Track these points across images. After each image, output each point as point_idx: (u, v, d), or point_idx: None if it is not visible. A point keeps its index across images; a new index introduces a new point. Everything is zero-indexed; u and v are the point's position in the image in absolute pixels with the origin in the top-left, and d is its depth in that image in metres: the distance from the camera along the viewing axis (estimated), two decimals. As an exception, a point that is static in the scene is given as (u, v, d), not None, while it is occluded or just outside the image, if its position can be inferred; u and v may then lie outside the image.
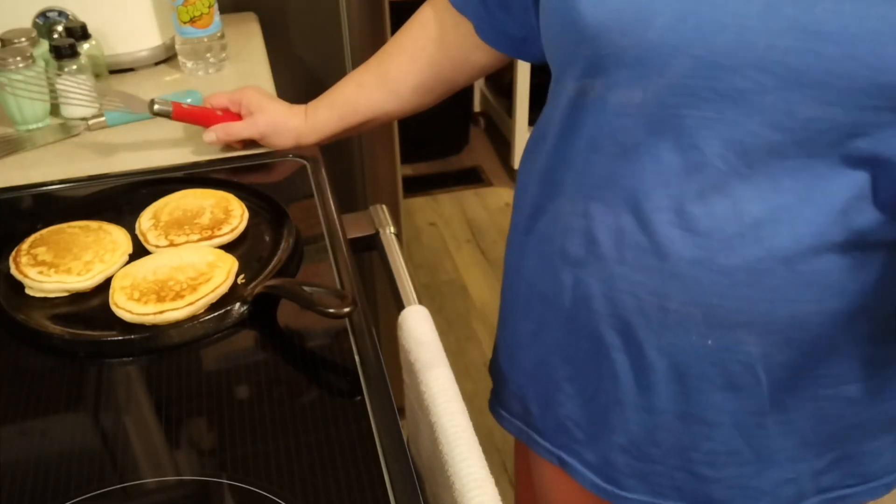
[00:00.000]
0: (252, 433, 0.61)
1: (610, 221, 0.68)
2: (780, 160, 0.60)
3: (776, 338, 0.66)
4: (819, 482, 0.77)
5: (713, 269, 0.64)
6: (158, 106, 0.93)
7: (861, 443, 0.75)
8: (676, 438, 0.74)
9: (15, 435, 0.63)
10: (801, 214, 0.61)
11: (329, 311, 0.67)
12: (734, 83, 0.58)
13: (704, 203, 0.63)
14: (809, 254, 0.62)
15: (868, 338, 0.68)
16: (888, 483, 0.79)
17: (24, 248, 0.78)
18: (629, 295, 0.69)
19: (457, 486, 0.58)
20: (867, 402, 0.72)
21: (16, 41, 1.05)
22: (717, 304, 0.65)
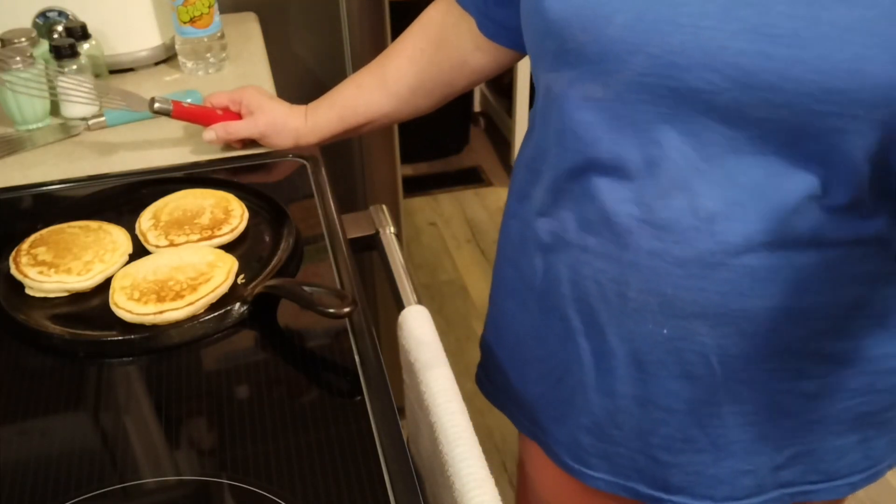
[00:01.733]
0: (252, 433, 0.61)
1: (576, 211, 0.70)
2: (736, 157, 0.61)
3: (729, 330, 0.67)
4: (779, 476, 0.77)
5: (669, 260, 0.66)
6: (158, 104, 0.93)
7: (823, 439, 0.75)
8: (636, 422, 0.76)
9: (15, 435, 0.63)
10: (754, 211, 0.62)
11: (329, 311, 0.67)
12: (689, 82, 0.59)
13: (663, 196, 0.64)
14: (760, 250, 0.63)
15: (822, 335, 0.68)
16: (853, 482, 0.79)
17: (24, 248, 0.78)
18: (592, 281, 0.71)
19: (457, 486, 0.58)
20: (826, 399, 0.72)
21: (16, 41, 1.05)
22: (672, 295, 0.67)
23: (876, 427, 0.76)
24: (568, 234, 0.72)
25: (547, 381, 0.81)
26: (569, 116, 0.68)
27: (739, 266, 0.64)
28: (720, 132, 0.60)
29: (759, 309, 0.66)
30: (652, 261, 0.67)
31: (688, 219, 0.64)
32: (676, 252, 0.65)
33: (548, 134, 0.72)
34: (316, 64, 1.51)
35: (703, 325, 0.68)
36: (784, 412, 0.73)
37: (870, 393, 0.73)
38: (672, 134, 0.62)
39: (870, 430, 0.76)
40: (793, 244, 0.63)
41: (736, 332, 0.68)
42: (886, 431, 0.77)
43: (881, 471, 0.80)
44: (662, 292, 0.67)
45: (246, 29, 1.35)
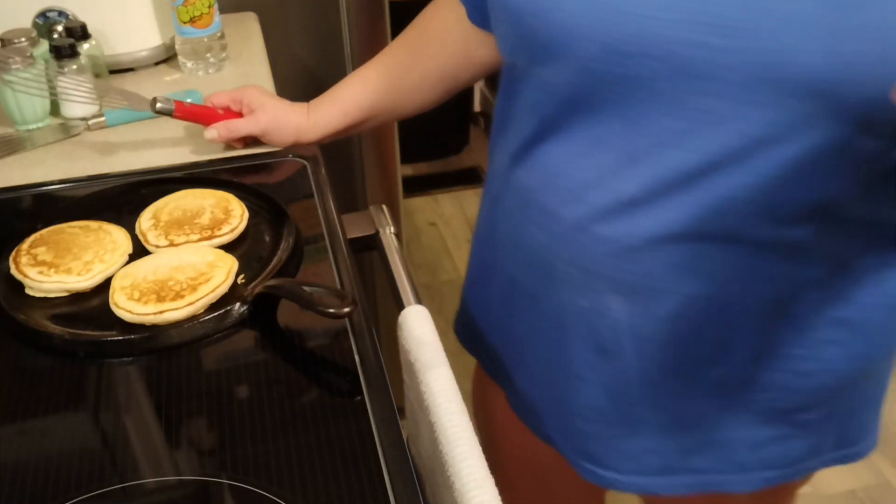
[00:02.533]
0: (252, 433, 0.61)
1: (523, 180, 0.75)
2: (670, 147, 0.63)
3: (643, 310, 0.70)
4: (689, 461, 0.79)
5: (592, 237, 0.69)
6: (160, 104, 0.93)
7: (735, 430, 0.77)
8: (561, 387, 0.80)
9: (15, 435, 0.63)
10: (678, 202, 0.64)
11: (329, 311, 0.67)
12: (633, 70, 0.60)
13: (596, 178, 0.67)
14: (679, 240, 0.65)
15: (735, 327, 0.70)
16: (769, 477, 0.79)
17: (24, 248, 0.78)
18: (527, 248, 0.76)
19: (457, 486, 0.58)
20: (737, 390, 0.74)
21: (16, 41, 1.05)
22: (592, 270, 0.71)
23: (793, 426, 0.77)
24: (514, 200, 0.77)
25: (501, 335, 0.87)
26: (524, 96, 0.72)
27: (657, 253, 0.67)
28: (657, 121, 0.62)
29: (674, 295, 0.68)
30: (577, 235, 0.70)
31: (613, 202, 0.67)
32: (599, 231, 0.68)
33: (508, 108, 0.77)
34: (316, 64, 1.51)
35: (617, 302, 0.71)
36: (693, 398, 0.75)
37: (783, 390, 0.74)
38: (614, 120, 0.64)
39: (786, 428, 0.77)
40: (712, 238, 0.65)
41: (647, 314, 0.70)
42: (806, 434, 0.77)
43: (801, 471, 0.80)
44: (584, 267, 0.71)
45: (246, 29, 1.35)
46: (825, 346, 0.71)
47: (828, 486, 1.70)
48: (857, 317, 0.70)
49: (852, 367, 0.74)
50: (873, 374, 0.78)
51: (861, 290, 0.69)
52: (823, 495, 1.68)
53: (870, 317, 0.71)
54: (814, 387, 0.74)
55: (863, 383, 0.77)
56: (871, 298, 0.70)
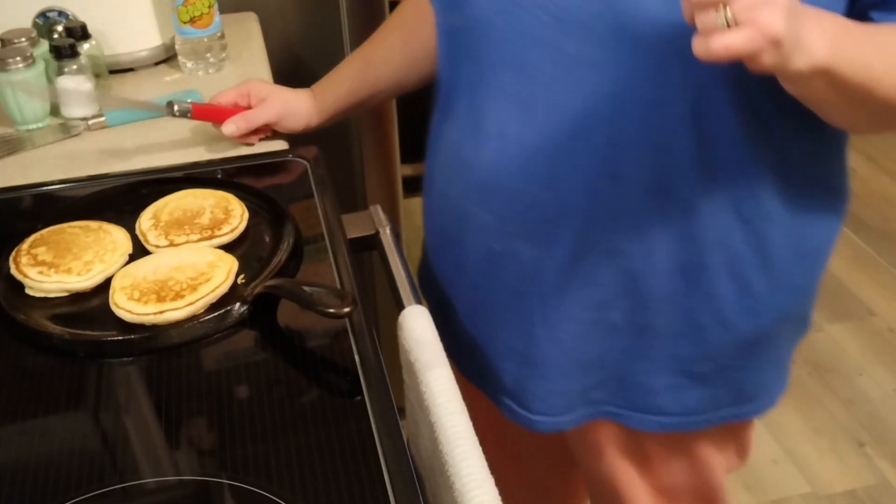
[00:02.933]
0: (252, 433, 0.61)
1: (446, 135, 0.82)
2: (557, 95, 0.68)
3: (542, 253, 0.76)
4: (588, 396, 0.83)
5: (498, 183, 0.75)
6: (178, 107, 0.94)
7: (630, 372, 0.81)
8: (484, 325, 0.85)
9: (15, 435, 0.63)
10: (568, 146, 0.70)
11: (329, 311, 0.67)
12: (523, 18, 0.67)
13: (500, 125, 0.73)
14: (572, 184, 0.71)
15: (626, 273, 0.74)
16: (663, 423, 0.83)
17: (24, 248, 0.78)
18: (451, 198, 0.82)
19: (457, 486, 0.58)
20: (631, 333, 0.78)
21: (16, 41, 1.05)
22: (500, 215, 0.76)
23: (689, 377, 0.80)
24: (441, 153, 0.83)
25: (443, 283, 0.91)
26: (442, 53, 0.79)
27: (556, 198, 0.72)
28: (545, 70, 0.68)
29: (567, 241, 0.74)
30: (487, 183, 0.76)
31: (516, 149, 0.72)
32: (505, 178, 0.74)
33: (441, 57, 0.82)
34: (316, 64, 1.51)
35: (526, 247, 0.76)
36: (588, 339, 0.79)
37: (678, 339, 0.78)
38: (511, 70, 0.70)
39: (681, 377, 0.80)
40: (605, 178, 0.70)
41: (548, 258, 0.75)
42: (701, 385, 0.81)
43: (699, 422, 0.83)
44: (495, 213, 0.77)
45: (246, 29, 1.35)
46: (718, 301, 0.75)
47: (828, 486, 1.71)
48: (742, 274, 0.74)
49: (745, 323, 0.77)
50: (772, 335, 0.80)
51: (748, 248, 0.73)
52: (823, 495, 1.69)
53: (755, 277, 0.75)
54: (707, 338, 0.77)
55: (761, 342, 0.80)
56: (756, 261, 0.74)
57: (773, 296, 0.77)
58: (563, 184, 0.72)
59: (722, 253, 0.73)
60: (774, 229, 0.74)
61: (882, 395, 1.91)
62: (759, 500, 1.68)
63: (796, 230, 0.75)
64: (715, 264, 0.74)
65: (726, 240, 0.73)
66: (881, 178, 2.69)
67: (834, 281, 2.26)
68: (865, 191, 2.62)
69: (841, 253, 2.36)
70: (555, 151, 0.70)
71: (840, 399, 1.91)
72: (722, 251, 0.73)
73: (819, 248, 0.79)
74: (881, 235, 2.42)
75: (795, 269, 0.78)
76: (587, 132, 0.69)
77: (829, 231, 0.79)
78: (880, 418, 1.86)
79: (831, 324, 2.12)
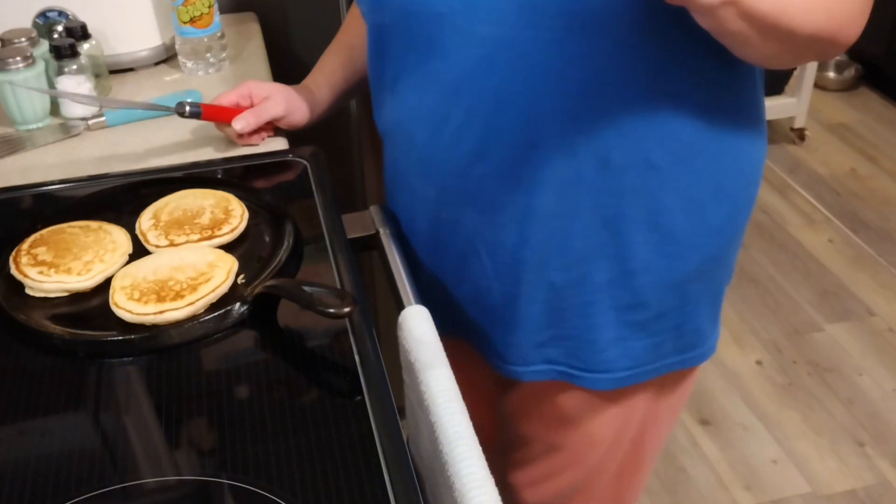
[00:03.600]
0: (252, 433, 0.61)
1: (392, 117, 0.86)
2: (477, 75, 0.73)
3: (485, 218, 0.81)
4: (544, 352, 0.88)
5: (438, 159, 0.81)
6: (189, 108, 0.94)
7: (579, 329, 0.85)
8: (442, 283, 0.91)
9: (15, 435, 0.63)
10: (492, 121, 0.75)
11: (329, 311, 0.67)
12: (439, 9, 0.72)
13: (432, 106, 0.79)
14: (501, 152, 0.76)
15: (560, 231, 0.79)
16: (617, 378, 0.88)
17: (24, 248, 0.78)
18: (401, 172, 0.88)
19: (457, 486, 0.58)
20: (571, 291, 0.83)
21: (16, 41, 1.05)
22: (442, 186, 0.82)
23: (630, 328, 0.85)
24: (391, 136, 0.89)
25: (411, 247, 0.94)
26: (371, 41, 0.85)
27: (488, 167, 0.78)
28: (464, 52, 0.73)
29: (504, 205, 0.79)
30: (427, 159, 0.82)
31: (447, 128, 0.78)
32: (441, 154, 0.80)
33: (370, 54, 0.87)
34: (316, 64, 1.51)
35: (469, 215, 0.82)
36: (535, 300, 0.84)
37: (611, 289, 0.82)
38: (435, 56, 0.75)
39: (623, 329, 0.85)
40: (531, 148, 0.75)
41: (494, 223, 0.80)
42: (644, 335, 0.85)
43: (646, 373, 0.88)
44: (437, 184, 0.83)
45: (246, 29, 1.35)
46: (643, 248, 0.80)
47: (828, 486, 1.71)
48: (661, 221, 0.79)
49: (671, 267, 0.81)
50: (699, 276, 0.84)
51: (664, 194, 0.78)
52: (823, 495, 1.69)
53: (674, 223, 0.79)
54: (638, 285, 0.82)
55: (689, 284, 0.84)
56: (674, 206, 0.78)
57: (694, 238, 0.81)
58: (491, 154, 0.77)
59: (640, 202, 0.77)
60: (688, 175, 0.77)
61: (882, 395, 1.91)
62: (759, 500, 1.68)
63: (711, 174, 0.79)
64: (634, 214, 0.78)
65: (642, 189, 0.77)
66: (881, 178, 2.69)
67: (834, 281, 2.26)
68: (865, 191, 2.62)
69: (841, 253, 2.36)
70: (480, 127, 0.76)
71: (840, 399, 1.91)
72: (639, 200, 0.77)
73: (737, 191, 0.82)
74: (881, 235, 2.42)
75: (714, 212, 0.81)
76: (505, 107, 0.74)
77: (746, 174, 0.83)
78: (880, 418, 1.86)
79: (831, 324, 2.12)
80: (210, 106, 0.96)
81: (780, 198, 2.59)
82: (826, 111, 3.04)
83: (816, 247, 2.39)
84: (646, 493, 1.70)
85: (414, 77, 0.80)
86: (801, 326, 2.11)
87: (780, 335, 2.09)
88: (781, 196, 2.60)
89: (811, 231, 2.45)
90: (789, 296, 2.21)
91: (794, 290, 2.23)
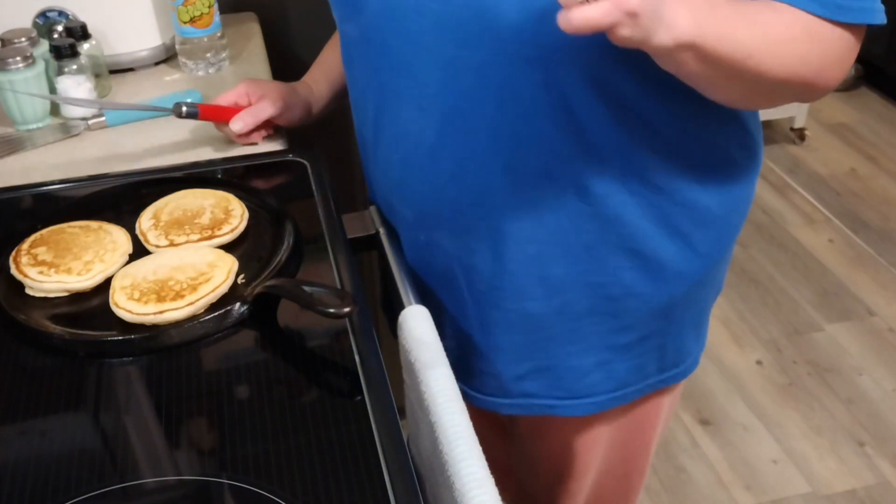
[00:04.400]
0: (252, 433, 0.61)
1: (367, 136, 0.84)
2: (444, 96, 0.72)
3: (461, 243, 0.80)
4: (522, 386, 0.86)
5: (414, 181, 0.79)
6: (186, 109, 0.94)
7: (559, 358, 0.84)
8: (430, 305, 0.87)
9: (15, 435, 0.63)
10: (461, 141, 0.73)
11: (329, 311, 0.67)
12: (407, 26, 0.70)
13: (403, 126, 0.77)
14: (471, 175, 0.75)
15: (538, 260, 0.77)
16: (598, 402, 0.87)
17: (24, 248, 0.78)
18: (381, 193, 0.87)
19: (457, 486, 0.58)
20: (551, 320, 0.81)
21: (16, 41, 1.05)
22: (418, 209, 0.81)
23: (613, 351, 0.84)
24: (368, 154, 0.87)
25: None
26: (344, 52, 0.83)
27: (458, 189, 0.76)
28: (431, 73, 0.71)
29: (480, 230, 0.77)
30: (403, 180, 0.80)
31: (418, 149, 0.76)
32: (415, 176, 0.78)
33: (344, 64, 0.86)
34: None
35: (445, 238, 0.81)
36: (514, 330, 0.82)
37: (596, 315, 0.81)
38: (403, 75, 0.73)
39: (606, 353, 0.84)
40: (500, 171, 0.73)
41: (469, 248, 0.79)
42: (627, 358, 0.85)
43: (629, 394, 0.88)
44: (414, 208, 0.81)
45: (246, 29, 1.35)
46: (626, 274, 0.78)
47: (828, 486, 1.70)
48: (645, 248, 0.77)
49: (657, 293, 0.80)
50: (685, 300, 0.83)
51: (646, 221, 0.76)
52: (823, 495, 1.69)
53: (657, 249, 0.78)
54: (622, 310, 0.81)
55: (675, 308, 0.83)
56: (656, 232, 0.77)
57: (680, 264, 0.79)
58: (466, 178, 0.75)
59: (621, 229, 0.76)
60: (670, 202, 0.76)
61: (882, 395, 1.91)
62: (759, 500, 1.68)
63: (694, 203, 0.77)
64: (616, 241, 0.77)
65: (623, 216, 0.75)
66: (881, 178, 2.69)
67: (834, 281, 2.26)
68: (865, 191, 2.62)
69: (841, 253, 2.36)
70: (453, 149, 0.74)
71: (840, 399, 1.91)
72: (621, 227, 0.76)
73: (723, 217, 0.80)
74: (881, 235, 2.42)
75: (700, 238, 0.79)
76: (476, 129, 0.72)
77: (733, 200, 0.80)
78: (880, 418, 1.86)
79: (831, 324, 2.12)
80: (207, 106, 0.96)
81: (780, 198, 2.59)
82: (826, 111, 3.04)
83: (816, 247, 2.39)
84: (646, 492, 1.70)
85: (385, 95, 0.78)
86: (801, 326, 2.11)
87: (780, 335, 2.09)
88: (781, 196, 2.60)
89: (811, 231, 2.45)
90: (789, 296, 2.21)
91: (794, 290, 2.23)
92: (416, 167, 0.78)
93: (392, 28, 0.72)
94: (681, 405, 1.88)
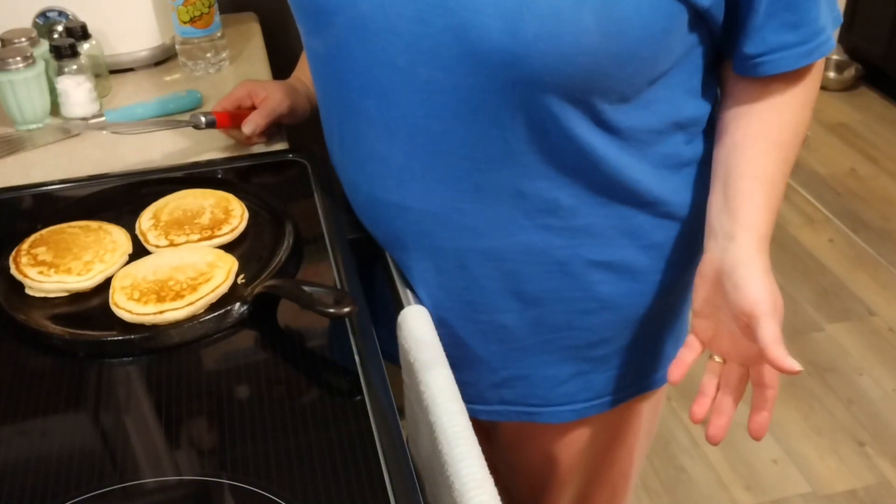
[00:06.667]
0: (252, 433, 0.62)
1: (337, 154, 0.82)
2: (414, 118, 0.70)
3: (430, 264, 0.78)
4: (500, 394, 0.86)
5: (383, 202, 0.77)
6: (205, 119, 0.94)
7: (534, 367, 0.84)
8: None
9: (15, 435, 0.63)
10: (430, 165, 0.72)
11: (329, 311, 0.67)
12: (378, 45, 0.68)
13: (370, 149, 0.75)
14: (441, 196, 0.73)
15: (509, 276, 0.77)
16: (576, 410, 0.87)
17: (24, 248, 0.78)
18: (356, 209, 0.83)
19: (457, 486, 0.58)
20: (525, 331, 0.81)
21: (16, 41, 1.05)
22: (388, 232, 0.80)
23: (590, 362, 0.84)
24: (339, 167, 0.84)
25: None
26: (312, 67, 0.80)
27: (430, 212, 0.75)
28: (403, 94, 0.69)
29: (450, 251, 0.77)
30: (372, 204, 0.79)
31: (387, 171, 0.75)
32: (384, 198, 0.76)
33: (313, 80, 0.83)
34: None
35: (416, 259, 0.79)
36: (489, 339, 0.82)
37: (571, 329, 0.81)
38: (372, 96, 0.71)
39: (583, 364, 0.84)
40: (470, 193, 0.73)
41: (437, 269, 0.79)
42: (604, 369, 0.85)
43: (607, 403, 0.87)
44: (384, 230, 0.80)
45: (246, 29, 1.35)
46: (600, 288, 0.78)
47: (828, 486, 1.71)
48: (618, 260, 0.77)
49: (632, 305, 0.80)
50: (659, 310, 0.83)
51: (618, 233, 0.76)
52: (823, 495, 1.69)
53: (630, 260, 0.78)
54: (598, 323, 0.81)
55: (651, 317, 0.83)
56: (627, 243, 0.77)
57: (655, 275, 0.80)
58: (435, 198, 0.74)
59: (593, 242, 0.76)
60: (643, 215, 0.76)
61: (882, 395, 1.91)
62: (759, 500, 1.68)
63: (667, 214, 0.77)
64: (589, 254, 0.76)
65: (592, 227, 0.75)
66: (881, 178, 2.69)
67: (834, 281, 2.26)
68: (865, 191, 2.62)
69: (841, 253, 2.36)
70: (422, 170, 0.73)
71: (840, 399, 1.91)
72: (593, 240, 0.76)
73: (695, 220, 0.79)
74: (881, 235, 2.42)
75: (675, 248, 0.79)
76: (446, 151, 0.71)
77: (704, 201, 0.79)
78: (880, 418, 1.86)
79: (831, 324, 2.12)
80: (221, 113, 0.96)
81: (780, 198, 2.59)
82: (826, 111, 3.04)
83: (816, 247, 2.39)
84: (646, 492, 1.70)
85: (354, 115, 0.75)
86: (801, 326, 2.11)
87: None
88: (781, 196, 2.60)
89: (811, 231, 2.45)
90: (789, 296, 2.20)
91: (795, 290, 2.23)
92: (385, 187, 0.76)
93: (362, 47, 0.69)
94: (681, 405, 1.89)
